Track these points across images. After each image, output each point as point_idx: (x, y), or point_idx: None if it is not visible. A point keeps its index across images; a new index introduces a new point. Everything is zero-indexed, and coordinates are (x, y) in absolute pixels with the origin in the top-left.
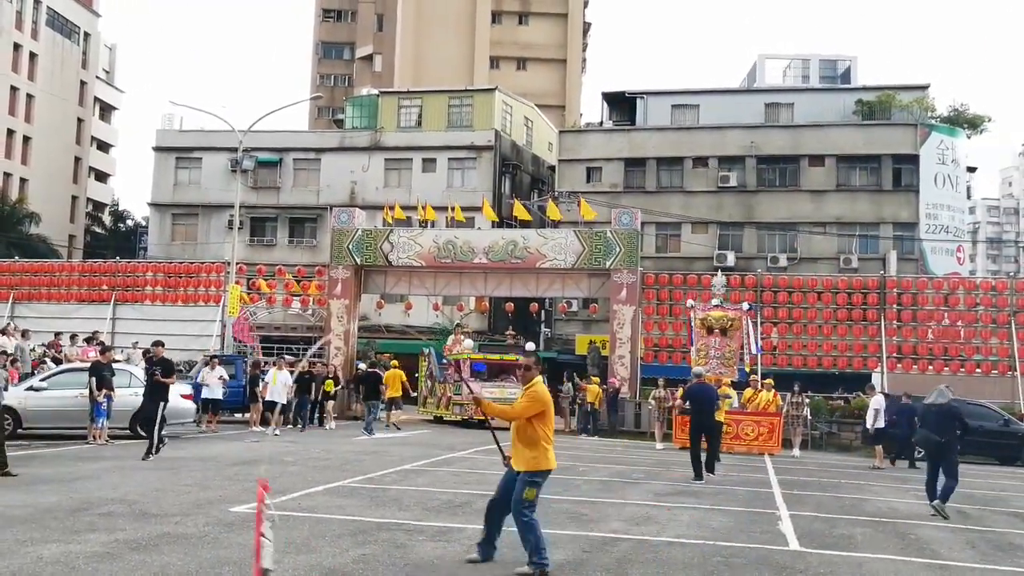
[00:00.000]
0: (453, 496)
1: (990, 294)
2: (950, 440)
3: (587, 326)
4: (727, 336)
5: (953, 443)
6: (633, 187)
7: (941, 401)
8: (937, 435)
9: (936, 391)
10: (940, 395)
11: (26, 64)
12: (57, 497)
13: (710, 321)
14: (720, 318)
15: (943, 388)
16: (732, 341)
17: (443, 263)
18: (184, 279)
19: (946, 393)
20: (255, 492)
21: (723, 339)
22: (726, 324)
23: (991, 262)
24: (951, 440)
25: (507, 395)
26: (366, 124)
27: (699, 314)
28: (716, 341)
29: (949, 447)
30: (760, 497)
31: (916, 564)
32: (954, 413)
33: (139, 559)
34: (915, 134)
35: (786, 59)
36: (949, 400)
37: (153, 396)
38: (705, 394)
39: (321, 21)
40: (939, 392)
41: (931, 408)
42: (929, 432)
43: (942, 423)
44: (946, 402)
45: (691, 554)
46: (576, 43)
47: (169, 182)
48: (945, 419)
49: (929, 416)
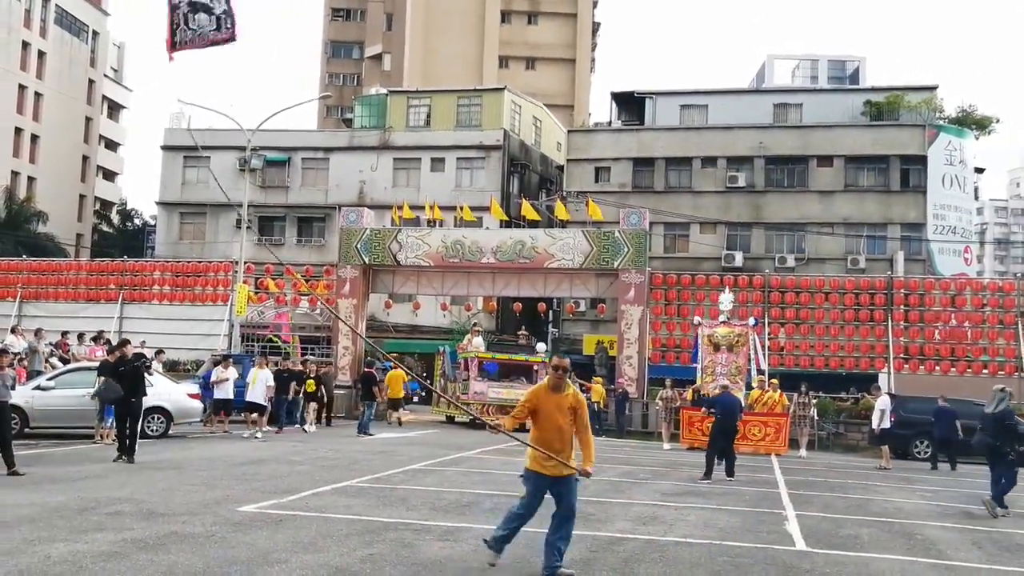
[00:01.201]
0: (460, 496)
1: (997, 295)
2: (1002, 444)
3: (595, 326)
4: (733, 352)
5: (1005, 447)
6: (641, 187)
7: (1000, 408)
8: (992, 439)
9: (995, 396)
10: (999, 400)
11: (34, 62)
12: (65, 496)
13: (716, 338)
14: (727, 335)
15: (999, 391)
16: (739, 358)
17: (451, 263)
18: (192, 278)
19: (1002, 397)
20: (263, 492)
21: (730, 355)
22: (732, 341)
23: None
24: (1003, 444)
25: (515, 396)
26: (375, 123)
27: (705, 331)
28: (723, 358)
29: (1000, 450)
30: (767, 497)
31: (922, 564)
32: (1002, 417)
33: (147, 558)
34: (923, 135)
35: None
36: (1005, 406)
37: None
38: (733, 403)
39: (330, 20)
40: (998, 397)
41: (988, 415)
42: (984, 436)
43: (996, 428)
44: (1000, 408)
45: (698, 554)
46: (585, 43)
47: (177, 181)
48: (998, 424)
49: (986, 421)
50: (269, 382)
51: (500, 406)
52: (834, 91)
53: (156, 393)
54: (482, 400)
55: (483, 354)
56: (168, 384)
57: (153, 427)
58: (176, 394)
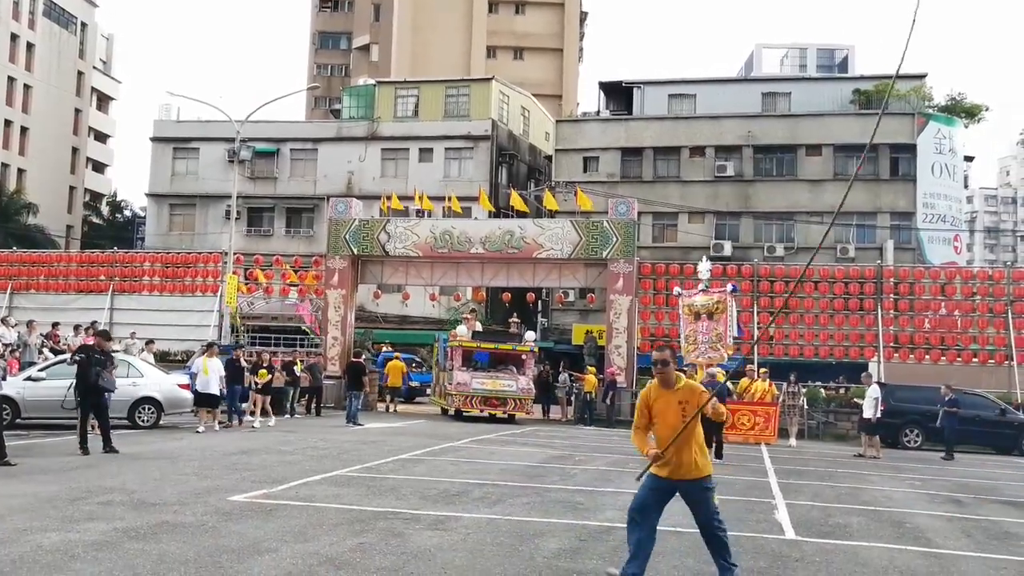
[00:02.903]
0: (450, 485)
1: (987, 283)
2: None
3: (584, 316)
4: (713, 320)
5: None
6: (630, 177)
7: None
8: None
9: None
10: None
11: (23, 54)
12: (56, 486)
13: (696, 307)
14: (705, 303)
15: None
16: (719, 324)
17: (440, 253)
18: (182, 269)
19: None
20: (254, 482)
21: (710, 323)
22: (712, 308)
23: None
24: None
25: (501, 387)
26: (363, 114)
27: (685, 300)
28: (704, 326)
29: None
30: (756, 486)
31: (911, 552)
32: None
33: (138, 548)
34: (913, 123)
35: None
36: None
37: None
38: (719, 391)
39: (318, 11)
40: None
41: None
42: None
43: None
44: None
45: (687, 543)
46: (573, 32)
47: (167, 172)
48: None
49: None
50: (221, 372)
51: (484, 398)
52: (823, 80)
53: (147, 384)
54: (465, 391)
55: (467, 343)
56: (159, 375)
57: (144, 418)
58: (166, 385)
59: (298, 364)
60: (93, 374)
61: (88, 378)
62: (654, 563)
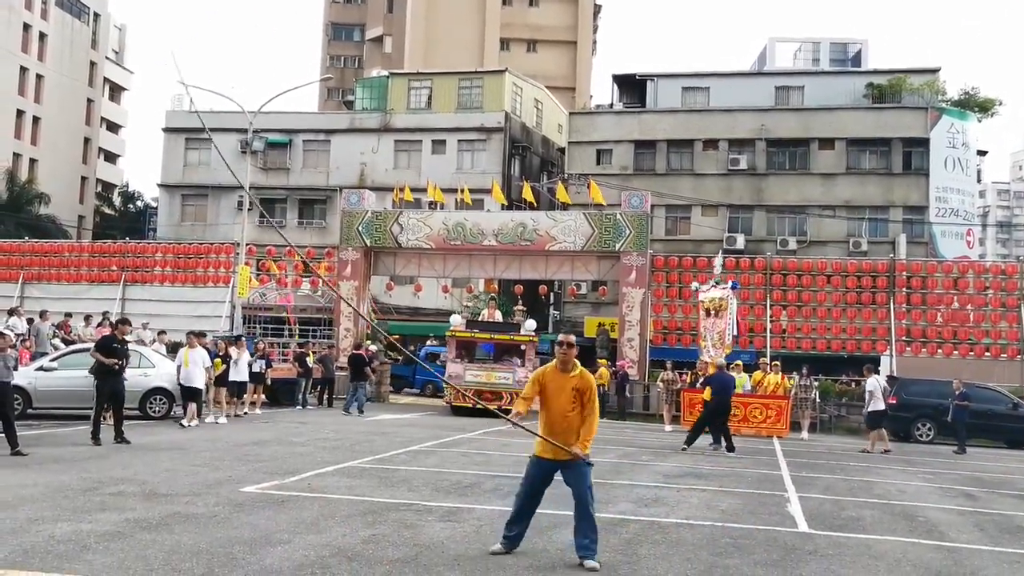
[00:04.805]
0: (462, 477)
1: (999, 278)
2: None
3: (596, 308)
4: (719, 317)
5: None
6: (643, 170)
7: None
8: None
9: None
10: None
11: (36, 44)
12: (68, 476)
13: (707, 304)
14: (713, 300)
15: None
16: (721, 321)
17: (452, 245)
18: (194, 260)
19: None
20: (266, 473)
21: (716, 320)
22: (719, 305)
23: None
24: None
25: (496, 380)
26: (376, 106)
27: (700, 296)
28: (711, 323)
29: None
30: (769, 479)
31: (924, 546)
32: None
33: (150, 538)
34: (926, 117)
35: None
36: None
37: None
38: (727, 382)
39: (332, 2)
40: None
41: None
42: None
43: None
44: None
45: (700, 535)
46: (586, 25)
47: (179, 163)
48: None
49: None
50: (206, 363)
51: (478, 391)
52: (836, 74)
53: (158, 374)
54: (457, 384)
55: (461, 333)
56: (170, 365)
57: (155, 408)
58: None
59: (311, 355)
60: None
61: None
62: (667, 555)
